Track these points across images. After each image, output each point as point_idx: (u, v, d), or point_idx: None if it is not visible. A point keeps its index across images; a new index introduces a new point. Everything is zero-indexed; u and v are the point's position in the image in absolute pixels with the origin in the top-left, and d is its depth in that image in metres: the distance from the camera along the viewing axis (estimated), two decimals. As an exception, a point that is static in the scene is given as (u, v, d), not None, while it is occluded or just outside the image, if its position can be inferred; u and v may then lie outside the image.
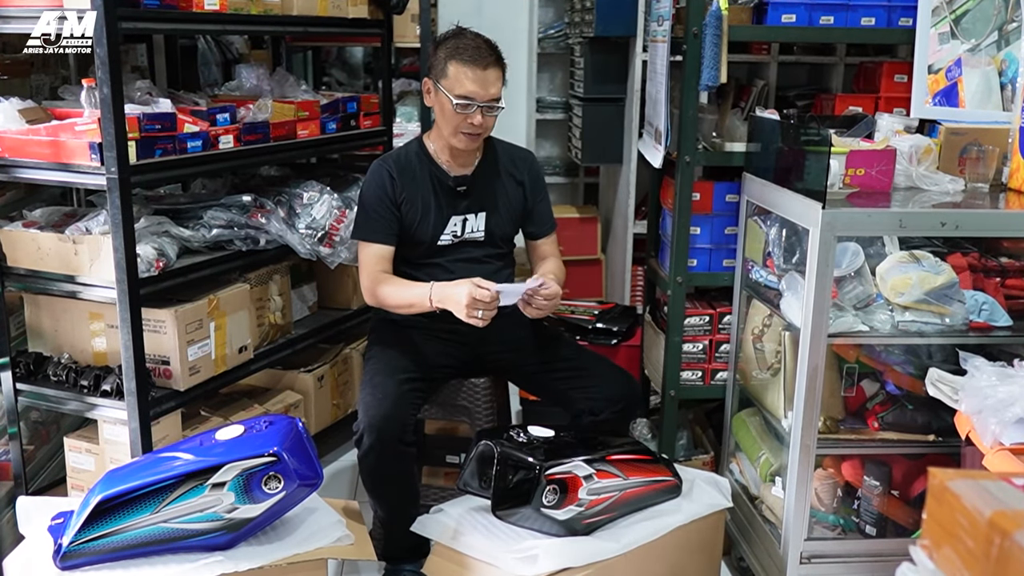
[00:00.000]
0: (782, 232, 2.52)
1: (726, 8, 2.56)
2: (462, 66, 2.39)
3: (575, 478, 2.21)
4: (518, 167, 2.65)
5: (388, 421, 2.32)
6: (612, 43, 3.86)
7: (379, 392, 2.38)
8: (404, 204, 2.53)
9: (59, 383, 2.63)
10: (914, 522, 2.45)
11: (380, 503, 2.51)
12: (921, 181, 2.48)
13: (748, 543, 2.69)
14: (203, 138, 2.62)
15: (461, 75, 2.39)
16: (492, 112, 2.45)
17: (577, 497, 2.21)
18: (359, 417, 2.38)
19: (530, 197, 2.65)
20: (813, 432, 2.35)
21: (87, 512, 1.99)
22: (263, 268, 3.00)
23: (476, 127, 2.43)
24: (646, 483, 2.37)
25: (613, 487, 2.28)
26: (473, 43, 2.43)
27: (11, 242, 2.58)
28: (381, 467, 2.37)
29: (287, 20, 2.99)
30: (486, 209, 2.59)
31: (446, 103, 2.42)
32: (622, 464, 2.33)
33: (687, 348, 2.89)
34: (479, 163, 2.60)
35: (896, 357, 2.50)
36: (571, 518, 2.22)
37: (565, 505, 2.20)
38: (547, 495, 2.17)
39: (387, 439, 2.33)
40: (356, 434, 2.37)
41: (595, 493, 2.25)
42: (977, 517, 0.89)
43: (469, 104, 2.40)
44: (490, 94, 2.41)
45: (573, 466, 2.22)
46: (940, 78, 2.66)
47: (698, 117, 2.74)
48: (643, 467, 2.39)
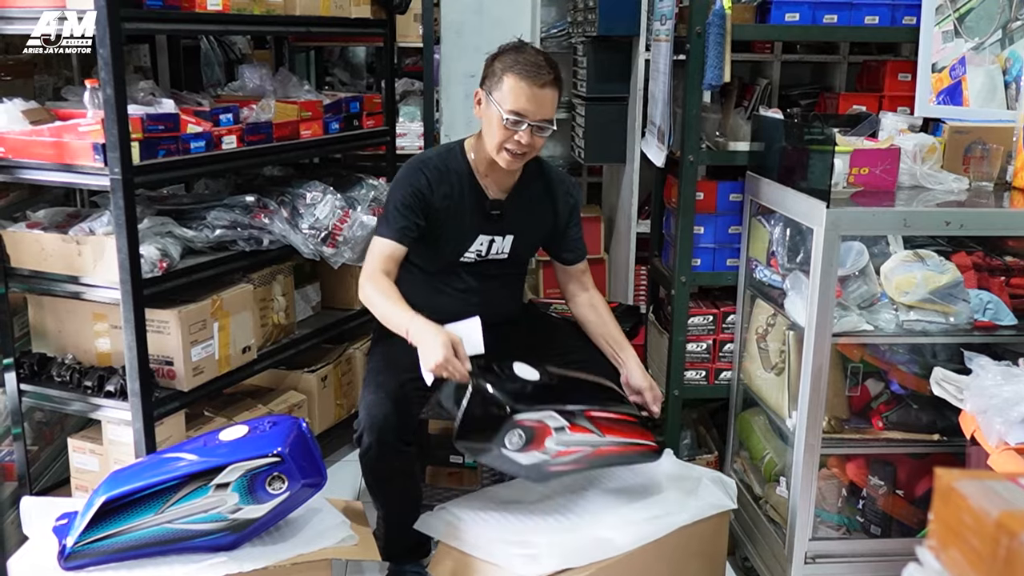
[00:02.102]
0: (786, 231, 2.51)
1: (729, 7, 2.56)
2: (519, 80, 2.28)
3: (545, 427, 2.17)
4: (558, 194, 2.56)
5: (388, 420, 2.31)
6: (615, 42, 3.85)
7: (381, 391, 2.37)
8: (434, 213, 2.43)
9: (63, 384, 2.63)
10: (919, 522, 2.45)
11: (381, 502, 2.51)
12: (925, 180, 2.48)
13: (752, 543, 2.69)
14: (206, 138, 2.62)
15: (517, 89, 2.28)
16: (542, 133, 2.33)
17: (543, 446, 2.17)
18: (359, 416, 2.37)
19: (563, 222, 2.58)
20: (817, 432, 2.34)
21: (91, 513, 1.99)
22: (266, 268, 3.00)
23: (523, 146, 2.32)
24: (623, 444, 2.31)
25: (586, 443, 2.24)
26: (533, 59, 2.31)
27: (15, 243, 2.58)
28: (381, 466, 2.37)
29: (290, 20, 2.98)
30: (515, 232, 2.52)
31: (495, 116, 2.31)
32: (601, 422, 2.29)
33: (691, 348, 2.89)
34: (517, 184, 2.50)
35: (901, 356, 2.49)
36: (534, 464, 2.17)
37: (529, 450, 2.16)
38: (511, 437, 2.14)
39: (386, 438, 2.31)
40: (356, 432, 2.36)
41: (564, 445, 2.20)
42: (984, 518, 0.89)
43: (520, 120, 2.29)
44: (543, 113, 2.30)
45: (546, 416, 2.18)
46: (944, 76, 2.65)
47: (701, 116, 2.73)
48: (624, 428, 2.35)
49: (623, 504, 2.38)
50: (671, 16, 2.81)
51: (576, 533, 2.24)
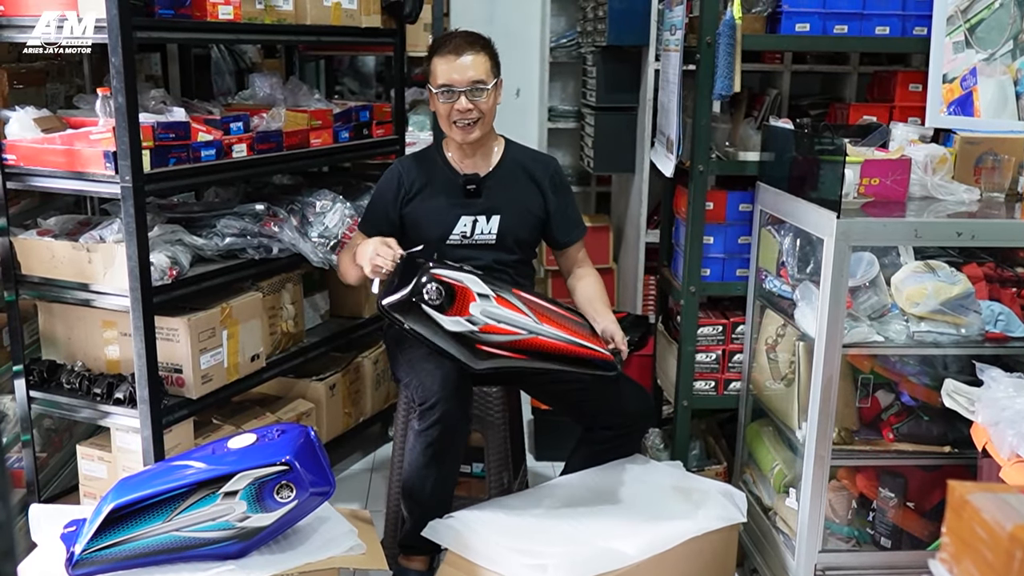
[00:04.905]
0: (796, 242, 2.51)
1: (740, 17, 2.56)
2: (438, 58, 2.51)
3: (466, 290, 2.22)
4: (538, 172, 2.66)
5: (459, 392, 2.34)
6: (624, 52, 3.85)
7: (437, 371, 2.36)
8: (412, 200, 2.59)
9: (72, 391, 2.63)
10: (930, 534, 2.43)
11: (423, 484, 2.42)
12: (936, 191, 2.47)
13: (762, 555, 2.67)
14: (216, 147, 2.63)
15: (440, 66, 2.50)
16: (477, 96, 2.49)
17: (468, 311, 2.19)
18: (423, 391, 2.34)
19: (551, 202, 2.65)
20: (827, 443, 2.33)
21: (99, 520, 2.00)
22: (276, 276, 3.00)
23: (463, 113, 2.48)
24: (565, 340, 2.31)
25: (519, 324, 2.26)
26: (452, 38, 2.54)
27: (25, 250, 2.59)
28: (442, 441, 2.33)
29: (300, 29, 2.99)
30: (499, 212, 2.59)
31: (435, 98, 2.52)
32: (535, 306, 2.31)
33: (700, 358, 2.88)
34: (495, 167, 2.62)
35: (911, 368, 2.48)
36: (461, 332, 2.19)
37: (451, 313, 2.18)
38: (428, 289, 2.18)
39: (455, 411, 2.33)
40: (423, 404, 2.33)
41: (493, 319, 2.23)
42: (998, 530, 0.88)
43: (450, 92, 2.48)
44: (467, 77, 2.48)
45: (467, 279, 2.23)
46: (955, 87, 2.65)
47: (711, 126, 2.73)
48: (567, 325, 2.36)
49: (632, 515, 2.37)
50: (681, 26, 2.82)
51: (584, 543, 2.24)
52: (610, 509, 2.39)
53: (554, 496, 2.47)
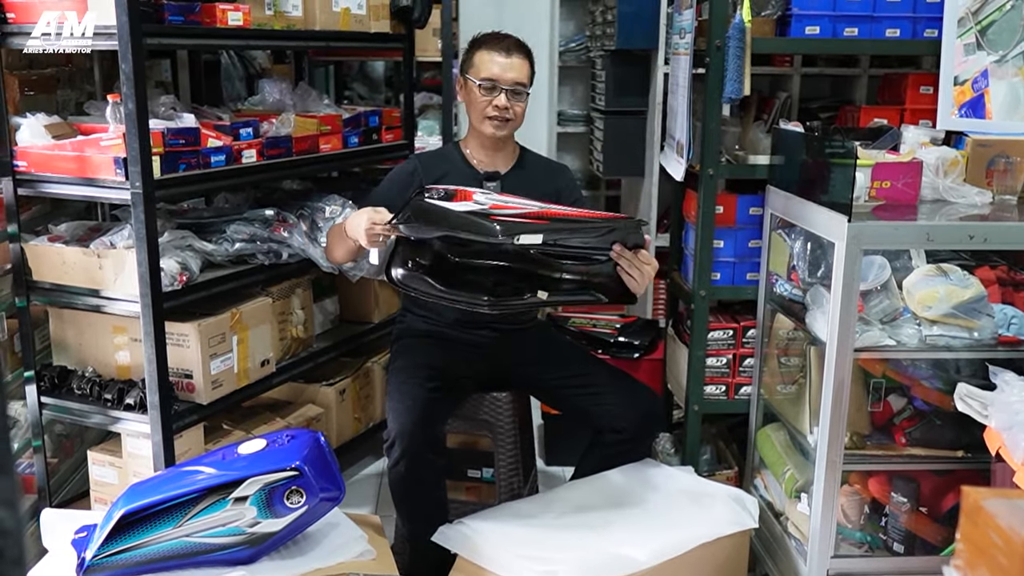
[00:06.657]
0: (807, 245, 2.50)
1: (749, 20, 2.55)
2: (486, 52, 2.53)
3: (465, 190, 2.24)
4: (550, 179, 2.68)
5: (418, 427, 2.33)
6: (633, 56, 3.86)
7: (407, 399, 2.38)
8: None
9: (83, 396, 2.64)
10: (943, 539, 2.42)
11: (408, 515, 2.50)
12: (948, 193, 2.46)
13: (773, 560, 2.66)
14: (226, 152, 2.63)
15: (486, 59, 2.52)
16: (517, 98, 2.53)
17: (471, 199, 2.19)
18: (389, 425, 2.38)
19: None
20: (839, 448, 2.32)
21: (110, 526, 2.00)
22: (285, 282, 3.00)
23: (501, 110, 2.51)
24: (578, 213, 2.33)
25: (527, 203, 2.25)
26: (498, 36, 2.57)
27: (36, 256, 2.60)
28: (411, 476, 2.36)
29: (310, 35, 3.00)
30: None
31: (473, 89, 2.53)
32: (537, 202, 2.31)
33: (710, 362, 2.87)
34: (511, 169, 2.65)
35: (924, 372, 2.46)
36: (472, 211, 2.13)
37: (457, 200, 2.18)
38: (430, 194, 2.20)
39: (417, 447, 2.33)
40: (387, 442, 2.37)
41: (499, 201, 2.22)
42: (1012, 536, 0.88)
43: (493, 86, 2.50)
44: (512, 77, 2.51)
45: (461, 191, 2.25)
46: (966, 89, 2.63)
47: (721, 129, 2.73)
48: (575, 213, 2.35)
49: (643, 520, 2.36)
50: (690, 29, 2.81)
51: (595, 549, 2.23)
52: (620, 514, 2.38)
53: (564, 501, 2.47)
